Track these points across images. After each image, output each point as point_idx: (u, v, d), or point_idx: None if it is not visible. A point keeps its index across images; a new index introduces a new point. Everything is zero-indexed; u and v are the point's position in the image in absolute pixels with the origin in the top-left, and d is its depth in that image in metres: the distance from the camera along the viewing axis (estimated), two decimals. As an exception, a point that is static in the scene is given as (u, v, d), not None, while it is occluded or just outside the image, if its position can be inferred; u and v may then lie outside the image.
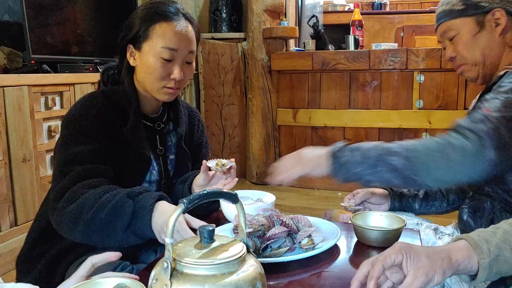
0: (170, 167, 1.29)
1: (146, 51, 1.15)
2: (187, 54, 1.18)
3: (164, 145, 1.28)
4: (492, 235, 0.77)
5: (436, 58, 2.98)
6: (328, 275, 0.89)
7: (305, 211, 2.73)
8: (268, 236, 0.94)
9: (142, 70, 1.17)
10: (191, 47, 1.18)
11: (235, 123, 3.61)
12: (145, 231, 0.98)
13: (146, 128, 1.23)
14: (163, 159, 1.27)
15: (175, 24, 1.15)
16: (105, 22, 2.79)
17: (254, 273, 0.62)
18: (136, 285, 0.68)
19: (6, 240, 1.98)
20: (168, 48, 1.13)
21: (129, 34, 1.18)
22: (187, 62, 1.19)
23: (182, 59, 1.17)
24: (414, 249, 0.74)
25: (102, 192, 1.01)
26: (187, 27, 1.18)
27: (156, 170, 1.25)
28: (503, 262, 0.75)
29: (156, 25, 1.14)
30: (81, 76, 2.40)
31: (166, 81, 1.16)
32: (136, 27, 1.17)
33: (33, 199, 2.10)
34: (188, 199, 0.61)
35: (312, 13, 3.66)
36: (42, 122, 2.16)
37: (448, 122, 3.16)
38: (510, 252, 0.75)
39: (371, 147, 1.01)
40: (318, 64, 3.25)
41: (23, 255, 1.20)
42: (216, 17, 3.55)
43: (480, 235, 0.77)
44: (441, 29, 1.23)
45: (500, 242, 0.76)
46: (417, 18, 4.53)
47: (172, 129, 1.32)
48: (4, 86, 1.94)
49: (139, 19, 1.17)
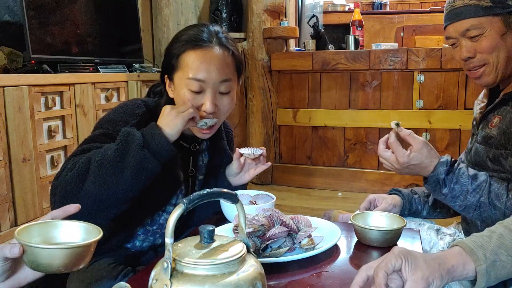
0: (197, 188, 1.26)
1: (177, 83, 1.11)
2: (219, 84, 1.09)
3: (195, 166, 1.24)
4: (488, 240, 0.76)
5: (436, 58, 2.98)
6: (328, 275, 0.89)
7: (305, 211, 2.73)
8: (268, 236, 0.94)
9: (177, 102, 1.12)
10: (223, 76, 1.09)
11: (235, 123, 3.61)
12: (163, 146, 0.98)
13: (181, 148, 1.18)
14: (192, 180, 1.24)
15: (204, 52, 1.08)
16: (105, 22, 2.79)
17: (254, 273, 0.62)
18: (94, 229, 0.72)
19: (6, 240, 1.98)
20: (195, 79, 1.07)
21: (165, 62, 1.14)
22: (221, 92, 1.11)
23: (214, 89, 1.09)
24: (412, 254, 0.73)
25: (106, 147, 0.99)
26: (220, 54, 1.10)
27: (183, 194, 1.21)
28: (501, 267, 0.74)
29: (184, 54, 1.09)
30: (81, 76, 2.40)
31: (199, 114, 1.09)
32: (170, 56, 1.12)
33: (33, 199, 2.10)
34: (188, 199, 0.62)
35: (312, 13, 3.65)
36: (42, 122, 2.16)
37: (448, 122, 3.17)
38: (506, 256, 0.74)
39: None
40: (318, 64, 3.25)
41: None
42: (216, 17, 3.55)
43: (476, 241, 0.76)
44: (461, 25, 1.12)
45: (495, 247, 0.75)
46: (417, 18, 4.53)
47: (205, 148, 1.27)
48: (4, 86, 1.94)
49: (175, 46, 1.12)
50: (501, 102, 1.14)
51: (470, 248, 0.75)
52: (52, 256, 0.66)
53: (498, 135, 1.11)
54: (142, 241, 1.22)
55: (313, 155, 3.40)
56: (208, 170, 1.27)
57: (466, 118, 2.96)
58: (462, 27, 1.12)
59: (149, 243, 1.23)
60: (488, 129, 1.15)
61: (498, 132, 1.11)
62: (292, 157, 3.47)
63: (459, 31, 1.13)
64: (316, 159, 3.39)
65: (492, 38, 1.09)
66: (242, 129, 3.59)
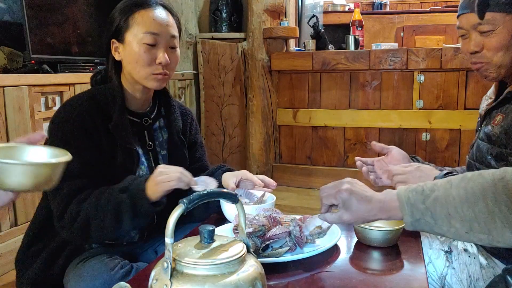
0: (161, 162, 1.29)
1: (129, 41, 1.17)
2: (170, 38, 1.19)
3: (153, 141, 1.28)
4: (422, 198, 0.81)
5: (436, 58, 2.98)
6: (328, 275, 0.89)
7: (305, 211, 2.73)
8: (269, 236, 0.94)
9: (128, 61, 1.18)
10: (173, 32, 1.20)
11: (235, 123, 3.60)
12: (148, 209, 1.06)
13: (133, 124, 1.23)
14: (154, 154, 1.27)
15: (154, 11, 1.18)
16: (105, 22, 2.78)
17: (254, 273, 0.62)
18: (61, 153, 0.72)
19: (6, 240, 1.98)
20: (150, 33, 1.16)
21: (111, 28, 1.21)
22: (171, 47, 1.21)
23: (165, 43, 1.18)
24: (350, 201, 0.86)
25: (97, 198, 1.08)
26: (167, 14, 1.21)
27: (146, 165, 1.25)
28: (424, 224, 0.81)
29: (135, 14, 1.17)
30: (81, 76, 2.39)
31: (153, 67, 1.17)
32: (116, 20, 1.19)
33: (33, 199, 2.10)
34: (188, 199, 0.62)
35: (312, 13, 3.65)
36: (42, 122, 2.16)
37: (448, 122, 3.17)
38: (431, 217, 0.80)
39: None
40: (318, 64, 3.25)
41: (21, 253, 1.21)
42: (216, 17, 3.55)
43: (411, 197, 0.82)
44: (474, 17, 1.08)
45: (424, 209, 0.80)
46: (417, 18, 4.53)
47: (163, 125, 1.32)
48: (4, 86, 1.94)
49: (119, 13, 1.20)
50: (505, 99, 1.13)
51: (402, 203, 0.82)
52: (21, 173, 0.63)
53: (500, 134, 1.10)
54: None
55: (313, 155, 3.40)
56: (170, 146, 1.32)
57: (466, 118, 2.96)
58: (476, 19, 1.08)
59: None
60: (491, 126, 1.15)
61: (501, 131, 1.10)
62: (292, 157, 3.47)
63: (471, 23, 1.10)
64: (316, 159, 3.39)
65: (502, 37, 1.07)
66: (242, 129, 3.58)
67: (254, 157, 3.49)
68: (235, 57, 3.50)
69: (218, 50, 3.53)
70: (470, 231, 0.77)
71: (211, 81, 3.59)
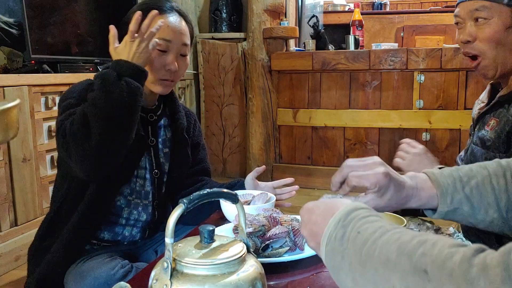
0: (164, 160, 1.30)
1: None
2: (181, 46, 1.21)
3: (156, 137, 1.29)
4: (460, 187, 0.77)
5: (436, 58, 2.98)
6: (328, 275, 0.89)
7: (305, 211, 2.73)
8: (269, 236, 0.94)
9: None
10: (185, 40, 1.21)
11: (235, 123, 3.61)
12: (130, 66, 1.07)
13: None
14: (155, 150, 1.27)
15: (169, 17, 1.19)
16: (105, 22, 2.78)
17: (254, 273, 0.62)
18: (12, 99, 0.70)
19: (6, 240, 1.98)
20: (163, 39, 1.16)
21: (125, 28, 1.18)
22: (181, 54, 1.22)
23: (177, 51, 1.20)
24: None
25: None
26: (181, 21, 1.22)
27: (146, 160, 1.25)
28: (459, 214, 0.78)
29: None
30: (81, 76, 2.37)
31: (161, 72, 1.18)
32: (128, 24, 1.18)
33: (33, 199, 2.10)
34: (188, 199, 0.61)
35: (312, 13, 3.65)
36: (42, 122, 2.16)
37: (448, 122, 3.17)
38: (469, 207, 0.76)
39: None
40: (318, 64, 3.25)
41: (33, 247, 1.22)
42: (216, 17, 3.55)
43: (449, 186, 0.77)
44: (472, 4, 1.09)
45: (463, 198, 0.76)
46: (417, 18, 4.53)
47: (167, 124, 1.33)
48: (4, 86, 1.94)
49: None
50: (498, 103, 1.13)
51: (442, 191, 0.77)
52: None
53: (495, 139, 1.10)
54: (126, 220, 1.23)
55: (313, 155, 3.41)
56: (173, 144, 1.32)
57: (466, 118, 2.96)
58: (472, 6, 1.09)
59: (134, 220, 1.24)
60: (485, 130, 1.15)
61: (495, 135, 1.10)
62: (292, 157, 3.47)
63: (468, 9, 1.10)
64: (316, 159, 3.39)
65: (496, 28, 1.07)
66: (242, 129, 3.59)
67: (254, 157, 3.49)
68: (235, 57, 3.51)
69: (218, 50, 3.54)
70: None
71: (211, 81, 3.59)
